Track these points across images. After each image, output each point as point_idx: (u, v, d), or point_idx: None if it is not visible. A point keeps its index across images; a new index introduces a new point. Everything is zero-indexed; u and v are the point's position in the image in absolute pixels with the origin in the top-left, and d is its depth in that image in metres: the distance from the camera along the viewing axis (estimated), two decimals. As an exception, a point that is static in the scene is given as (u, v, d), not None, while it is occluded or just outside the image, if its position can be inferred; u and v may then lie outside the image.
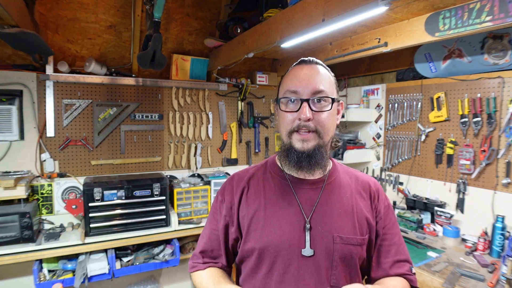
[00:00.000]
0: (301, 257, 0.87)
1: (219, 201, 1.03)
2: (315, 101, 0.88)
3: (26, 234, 2.07)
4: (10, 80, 2.28)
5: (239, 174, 1.05)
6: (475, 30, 1.54)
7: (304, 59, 0.96)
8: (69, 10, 2.31)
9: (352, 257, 0.90)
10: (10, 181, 2.04)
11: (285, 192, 0.95)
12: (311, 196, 0.94)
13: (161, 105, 2.85)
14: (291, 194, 0.94)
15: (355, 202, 0.96)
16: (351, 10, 1.38)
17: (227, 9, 2.69)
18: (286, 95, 0.91)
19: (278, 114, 0.96)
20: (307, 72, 0.91)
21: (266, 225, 0.91)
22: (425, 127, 2.50)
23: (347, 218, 0.93)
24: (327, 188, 0.96)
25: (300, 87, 0.88)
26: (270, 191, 0.96)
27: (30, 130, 2.36)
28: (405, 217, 2.42)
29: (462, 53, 2.22)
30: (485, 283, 1.61)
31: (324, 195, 0.95)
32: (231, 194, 1.00)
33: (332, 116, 0.91)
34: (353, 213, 0.94)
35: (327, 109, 0.89)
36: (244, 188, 0.99)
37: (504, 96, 2.02)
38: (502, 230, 1.91)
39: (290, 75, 0.94)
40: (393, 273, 0.96)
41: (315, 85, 0.88)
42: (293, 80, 0.91)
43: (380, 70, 2.94)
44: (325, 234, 0.89)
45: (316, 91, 0.88)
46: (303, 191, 0.95)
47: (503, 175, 2.02)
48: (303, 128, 0.88)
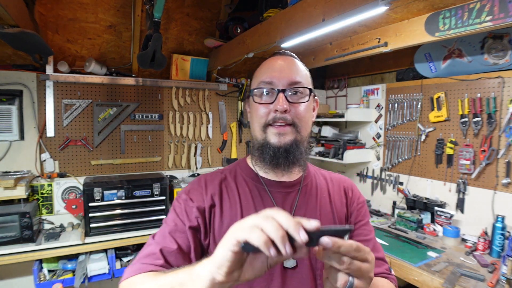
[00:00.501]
0: (284, 269, 0.80)
1: (184, 200, 0.85)
2: (291, 92, 0.82)
3: (26, 234, 2.07)
4: (10, 80, 2.28)
5: (209, 175, 0.93)
6: (475, 30, 1.54)
7: (278, 51, 0.91)
8: (69, 10, 2.31)
9: None
10: (10, 181, 2.04)
11: (261, 198, 0.86)
12: (288, 200, 0.87)
13: (161, 105, 2.85)
14: (268, 199, 0.86)
15: (333, 203, 0.91)
16: (351, 10, 1.38)
17: (227, 9, 2.69)
18: (260, 86, 0.84)
19: (251, 108, 0.88)
20: (282, 63, 0.85)
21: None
22: (425, 127, 2.50)
23: (327, 221, 0.87)
24: (304, 191, 0.90)
25: (275, 78, 0.82)
26: (245, 197, 0.86)
27: (30, 130, 2.36)
28: (405, 217, 2.42)
29: (462, 53, 2.22)
30: (485, 283, 1.61)
31: (302, 198, 0.88)
32: (201, 196, 0.85)
33: (309, 110, 0.86)
34: (333, 215, 0.89)
35: (304, 101, 0.83)
36: (215, 194, 0.86)
37: (504, 96, 2.02)
38: (502, 230, 1.91)
39: (264, 67, 0.88)
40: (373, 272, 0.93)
41: (291, 76, 0.82)
42: (268, 70, 0.84)
43: (380, 70, 2.94)
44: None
45: (293, 82, 0.82)
46: (280, 195, 0.87)
47: (503, 175, 2.02)
48: (280, 121, 0.81)
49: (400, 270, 1.87)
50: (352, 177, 3.14)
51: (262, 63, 0.91)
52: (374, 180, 2.94)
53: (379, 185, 2.89)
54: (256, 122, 0.85)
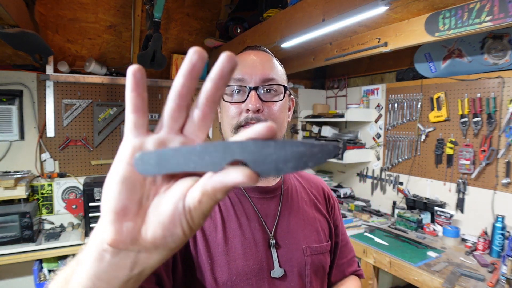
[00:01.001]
0: (271, 280, 0.72)
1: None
2: (264, 90, 0.75)
3: (26, 234, 2.07)
4: (10, 80, 2.28)
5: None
6: (475, 30, 1.54)
7: (250, 46, 0.83)
8: (69, 10, 2.31)
9: (323, 267, 0.81)
10: (10, 181, 2.04)
11: (242, 205, 0.77)
12: (270, 207, 0.80)
13: (161, 105, 2.85)
14: (250, 207, 0.78)
15: (315, 207, 0.87)
16: (351, 10, 1.39)
17: (227, 9, 2.70)
18: (230, 83, 0.74)
19: (221, 108, 0.80)
20: (254, 58, 0.77)
21: (228, 251, 0.71)
22: (425, 127, 2.50)
23: (311, 225, 0.83)
24: (286, 195, 0.83)
25: (246, 74, 0.74)
26: (224, 205, 0.77)
27: (30, 130, 2.36)
28: (405, 217, 2.42)
29: (462, 53, 2.22)
30: (485, 283, 1.61)
31: (285, 203, 0.82)
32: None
33: (284, 109, 0.79)
34: (315, 219, 0.85)
35: (278, 100, 0.76)
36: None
37: (504, 96, 2.02)
38: (502, 230, 1.91)
39: None
40: (348, 272, 0.93)
41: (264, 72, 0.75)
42: (239, 67, 0.74)
43: (380, 70, 2.94)
44: (294, 248, 0.77)
45: (266, 79, 0.75)
46: (261, 201, 0.79)
47: (503, 175, 2.02)
48: (252, 122, 0.73)
49: (400, 270, 1.87)
50: (352, 177, 3.14)
51: None
52: (374, 180, 2.94)
53: (379, 185, 2.89)
54: (226, 123, 0.76)
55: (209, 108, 0.30)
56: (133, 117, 0.31)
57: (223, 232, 0.73)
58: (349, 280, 0.92)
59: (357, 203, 2.87)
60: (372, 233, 2.30)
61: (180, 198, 0.28)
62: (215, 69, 0.28)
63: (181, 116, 0.30)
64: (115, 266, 0.30)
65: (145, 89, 0.31)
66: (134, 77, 0.30)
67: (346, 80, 3.28)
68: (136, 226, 0.29)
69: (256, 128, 0.25)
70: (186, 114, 0.30)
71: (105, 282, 0.31)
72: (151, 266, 0.31)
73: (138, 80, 0.31)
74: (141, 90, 0.31)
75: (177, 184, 0.29)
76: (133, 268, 0.30)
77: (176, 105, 0.30)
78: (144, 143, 0.30)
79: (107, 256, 0.30)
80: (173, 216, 0.28)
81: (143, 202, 0.29)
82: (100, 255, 0.30)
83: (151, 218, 0.29)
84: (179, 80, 0.30)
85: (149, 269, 0.32)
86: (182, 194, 0.28)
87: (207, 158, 0.27)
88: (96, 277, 0.31)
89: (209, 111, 0.30)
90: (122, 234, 0.28)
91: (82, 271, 0.32)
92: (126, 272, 0.31)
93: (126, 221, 0.28)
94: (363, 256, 2.10)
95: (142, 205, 0.29)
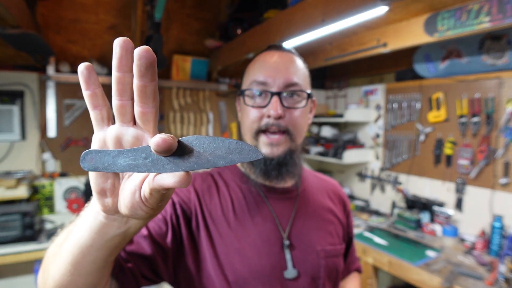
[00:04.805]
0: (284, 281, 0.71)
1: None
2: (287, 96, 0.73)
3: (27, 233, 2.08)
4: (11, 80, 2.29)
5: (198, 175, 0.81)
6: (473, 30, 1.55)
7: (274, 44, 0.80)
8: (71, 11, 2.33)
9: (337, 270, 0.80)
10: (11, 181, 2.05)
11: (256, 204, 0.76)
12: (286, 207, 0.79)
13: (161, 105, 2.86)
14: (264, 206, 0.77)
15: (331, 209, 0.86)
16: (351, 11, 1.40)
17: (227, 10, 2.71)
18: (252, 86, 0.74)
19: (242, 110, 0.79)
20: (278, 60, 0.75)
21: (241, 249, 0.70)
22: (424, 127, 2.51)
23: (326, 227, 0.81)
24: (302, 196, 0.82)
25: (269, 78, 0.72)
26: (239, 202, 0.76)
27: (32, 130, 2.38)
28: (404, 217, 2.43)
29: (460, 54, 2.23)
30: (483, 282, 1.62)
31: (300, 204, 0.81)
32: (187, 194, 0.74)
33: (305, 115, 0.77)
34: (330, 221, 0.83)
35: (300, 106, 0.74)
36: (205, 195, 0.76)
37: (502, 97, 2.03)
38: (500, 230, 1.93)
39: (257, 63, 0.77)
40: (353, 269, 0.95)
41: (288, 76, 0.73)
42: (261, 69, 0.74)
43: (379, 70, 2.95)
44: (308, 250, 0.75)
45: (289, 84, 0.73)
46: (276, 201, 0.78)
47: (501, 175, 2.03)
48: (273, 128, 0.72)
49: (399, 269, 1.88)
50: (352, 177, 3.15)
51: (255, 57, 0.80)
52: (373, 179, 2.96)
53: (378, 185, 2.91)
54: (247, 127, 0.76)
55: (144, 104, 0.33)
56: (93, 113, 0.36)
57: (237, 230, 0.72)
58: (352, 278, 0.95)
59: (356, 203, 2.89)
60: (371, 233, 2.32)
61: (136, 189, 0.35)
62: (134, 66, 0.31)
63: (127, 110, 0.35)
64: (105, 225, 0.39)
65: (97, 84, 0.35)
66: (83, 76, 0.34)
67: (345, 81, 3.29)
68: (113, 202, 0.37)
69: (154, 140, 0.29)
70: (132, 106, 0.35)
71: (98, 234, 0.40)
72: (133, 228, 0.41)
73: (86, 78, 0.34)
74: (93, 87, 0.35)
75: (135, 174, 0.36)
76: (119, 227, 0.40)
77: (118, 102, 0.34)
78: (106, 136, 0.36)
79: (100, 217, 0.39)
80: (132, 203, 0.35)
81: (116, 184, 0.37)
82: (95, 216, 0.39)
83: (121, 198, 0.36)
84: (113, 77, 0.33)
85: (132, 230, 0.41)
86: (137, 186, 0.35)
87: (131, 161, 0.32)
88: (92, 230, 0.40)
89: (144, 107, 0.33)
90: (106, 207, 0.37)
91: (82, 225, 0.42)
92: (113, 230, 0.40)
93: (106, 198, 0.37)
94: (363, 255, 2.11)
95: (115, 186, 0.37)
